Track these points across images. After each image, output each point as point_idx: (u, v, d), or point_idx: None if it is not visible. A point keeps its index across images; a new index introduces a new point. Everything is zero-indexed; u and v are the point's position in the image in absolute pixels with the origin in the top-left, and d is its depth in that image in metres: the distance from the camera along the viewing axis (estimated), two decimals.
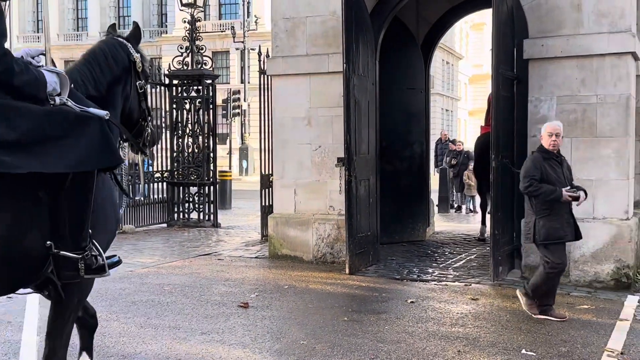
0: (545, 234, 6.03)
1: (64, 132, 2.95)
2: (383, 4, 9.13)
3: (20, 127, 2.80)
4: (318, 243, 9.01)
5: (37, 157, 2.84)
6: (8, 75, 2.82)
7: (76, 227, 3.10)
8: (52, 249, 3.05)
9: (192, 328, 5.75)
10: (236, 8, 47.08)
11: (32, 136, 2.85)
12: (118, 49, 3.72)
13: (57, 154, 2.91)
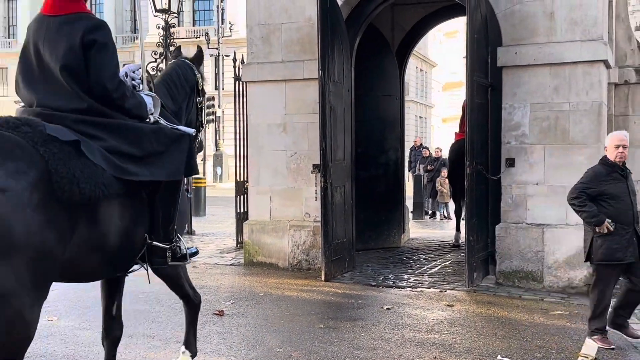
0: (602, 255, 5.42)
1: (165, 147, 3.68)
2: (358, 11, 9.16)
3: (136, 142, 3.52)
4: (294, 250, 8.98)
5: (147, 167, 3.56)
6: (122, 100, 3.52)
7: (166, 222, 3.84)
8: (148, 240, 3.75)
9: (166, 337, 5.68)
10: (210, 14, 46.97)
11: (145, 150, 3.57)
12: (188, 70, 4.40)
13: (160, 164, 3.63)
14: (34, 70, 3.49)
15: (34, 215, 2.88)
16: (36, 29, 3.50)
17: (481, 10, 7.78)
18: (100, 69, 3.43)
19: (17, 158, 2.95)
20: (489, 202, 8.09)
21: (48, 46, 3.43)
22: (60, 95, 3.42)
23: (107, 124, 3.46)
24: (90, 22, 3.47)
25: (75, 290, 7.58)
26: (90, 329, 5.91)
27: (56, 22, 3.45)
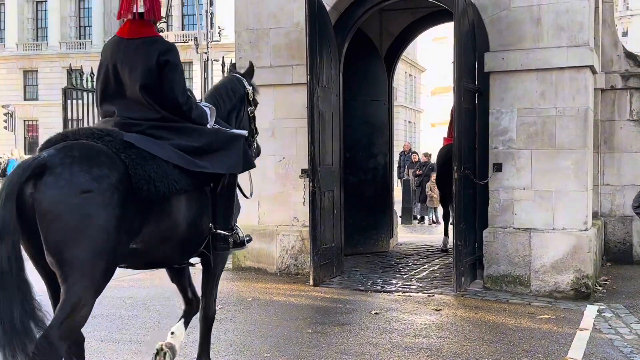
0: None
1: (224, 145, 4.23)
2: (346, 17, 9.18)
3: (201, 141, 4.09)
4: (282, 254, 8.97)
5: (210, 161, 4.08)
6: (190, 111, 4.11)
7: (226, 213, 4.34)
8: (212, 229, 4.21)
9: (153, 342, 5.64)
10: (199, 19, 46.95)
11: (208, 147, 4.12)
12: (236, 84, 4.92)
13: (221, 159, 4.16)
14: (113, 86, 4.03)
15: (111, 212, 3.42)
16: (113, 50, 4.05)
17: (468, 16, 7.82)
18: (172, 85, 4.01)
19: (101, 164, 3.51)
20: (477, 207, 8.13)
21: (127, 65, 3.97)
22: (137, 108, 3.98)
23: (176, 127, 4.05)
24: (164, 45, 4.05)
25: None
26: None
27: (133, 44, 4.00)
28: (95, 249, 3.36)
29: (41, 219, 3.33)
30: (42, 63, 51.46)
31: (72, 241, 3.33)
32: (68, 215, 3.33)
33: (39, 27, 52.97)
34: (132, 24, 4.06)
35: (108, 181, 3.46)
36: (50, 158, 3.42)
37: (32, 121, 51.61)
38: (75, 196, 3.34)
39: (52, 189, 3.34)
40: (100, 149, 3.59)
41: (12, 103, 44.04)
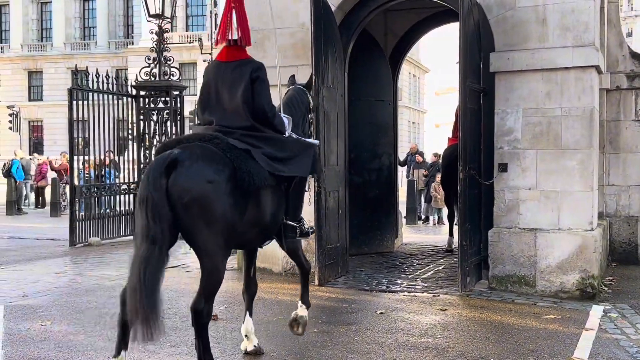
0: None
1: (300, 152, 5.13)
2: (352, 17, 9.19)
3: (283, 150, 4.97)
4: (287, 255, 8.95)
5: (288, 166, 4.95)
6: (273, 120, 4.93)
7: (296, 207, 5.27)
8: (284, 220, 5.10)
9: (160, 341, 5.64)
10: (203, 20, 47.01)
11: (286, 154, 4.96)
12: (302, 95, 5.73)
13: (296, 165, 5.05)
14: (213, 100, 4.92)
15: (227, 199, 4.35)
16: (215, 72, 4.96)
17: (474, 16, 7.83)
18: (261, 96, 4.87)
19: (217, 161, 4.42)
20: (482, 207, 8.13)
21: (226, 83, 4.87)
22: (232, 117, 4.84)
23: (263, 136, 4.88)
24: (255, 65, 4.97)
25: (69, 295, 7.59)
26: (84, 333, 5.91)
27: (231, 66, 4.93)
28: (219, 226, 4.30)
29: (176, 201, 4.21)
30: (47, 64, 51.61)
31: (202, 222, 4.26)
32: (198, 198, 4.24)
33: (44, 28, 53.13)
34: (229, 50, 5.01)
35: (224, 174, 4.38)
36: (180, 154, 4.31)
37: (36, 122, 51.76)
38: (203, 184, 4.26)
39: (185, 177, 4.25)
40: (213, 150, 4.49)
41: (17, 104, 44.18)
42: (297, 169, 5.08)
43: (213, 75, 4.96)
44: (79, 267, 9.62)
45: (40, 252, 11.25)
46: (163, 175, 4.21)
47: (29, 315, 6.55)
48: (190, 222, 4.25)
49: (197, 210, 4.23)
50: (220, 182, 4.32)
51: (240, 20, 5.08)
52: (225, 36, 5.01)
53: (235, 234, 4.45)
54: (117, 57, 49.49)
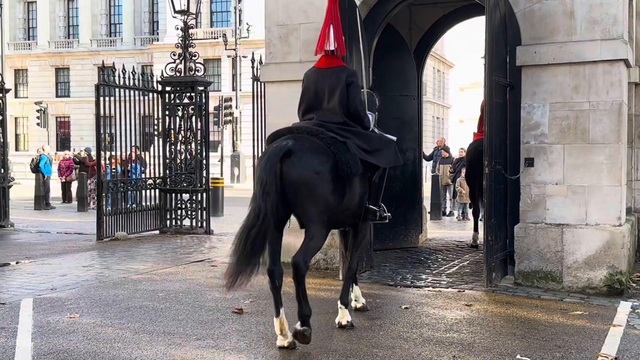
0: None
1: (383, 146, 6.03)
2: (376, 11, 9.16)
3: (370, 143, 5.85)
4: None
5: (374, 157, 5.84)
6: (363, 117, 5.93)
7: (377, 194, 6.28)
8: (367, 204, 5.97)
9: (186, 334, 5.73)
10: (228, 16, 47.17)
11: (373, 147, 5.86)
12: (372, 97, 6.74)
13: (381, 156, 5.94)
14: (313, 100, 5.88)
15: (329, 186, 5.32)
16: (315, 77, 5.95)
17: (500, 9, 7.76)
18: (354, 98, 5.85)
19: (322, 153, 5.37)
20: (508, 202, 8.07)
21: (324, 86, 5.84)
22: (329, 115, 5.78)
23: (354, 131, 5.78)
24: (349, 71, 5.99)
25: (97, 288, 7.69)
26: (112, 325, 5.98)
27: (328, 72, 5.90)
28: (322, 206, 5.28)
29: (288, 186, 5.21)
30: (74, 60, 52.19)
31: (308, 202, 5.26)
32: (307, 185, 5.22)
33: (71, 25, 53.70)
34: (327, 58, 6.01)
35: (328, 165, 5.32)
36: (293, 146, 5.24)
37: (63, 118, 52.40)
38: (311, 173, 5.24)
39: (297, 166, 5.21)
40: (318, 143, 5.43)
41: (45, 100, 44.78)
42: (382, 160, 5.97)
43: (313, 79, 5.95)
44: (106, 261, 9.73)
45: (68, 246, 11.40)
46: (278, 163, 5.15)
47: (58, 308, 6.64)
48: (299, 201, 5.26)
49: (306, 193, 5.23)
50: (324, 172, 5.30)
51: (337, 34, 6.07)
52: (323, 47, 6.05)
53: (332, 213, 5.41)
54: (142, 54, 49.87)
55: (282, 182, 5.16)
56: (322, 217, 5.31)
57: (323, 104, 5.81)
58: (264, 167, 5.14)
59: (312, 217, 5.29)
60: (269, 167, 5.13)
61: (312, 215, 5.29)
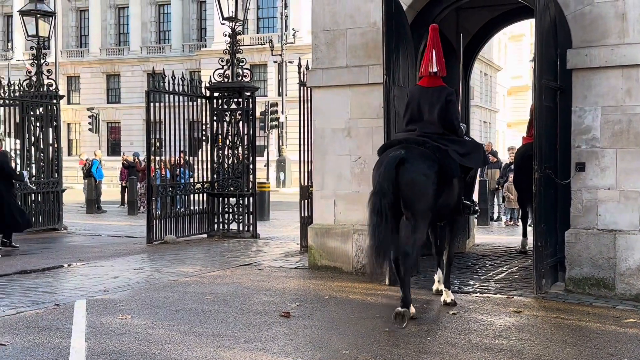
0: None
1: (474, 150, 7.03)
2: (423, 15, 9.13)
3: (464, 148, 6.80)
4: (358, 254, 9.01)
5: (468, 160, 6.81)
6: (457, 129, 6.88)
7: (470, 190, 7.33)
8: (463, 200, 6.99)
9: (235, 336, 5.80)
10: (274, 22, 47.55)
11: (466, 151, 6.82)
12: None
13: (473, 159, 6.95)
14: (415, 114, 6.85)
15: (434, 187, 6.31)
16: (418, 94, 6.88)
17: (550, 12, 7.65)
18: (452, 113, 6.84)
19: (429, 159, 6.37)
20: (558, 208, 7.93)
21: (426, 102, 6.80)
22: (429, 127, 6.75)
23: (452, 139, 6.75)
24: (449, 90, 6.89)
25: (147, 290, 7.84)
26: (163, 327, 6.09)
27: (430, 90, 6.86)
28: (427, 205, 6.30)
29: (402, 187, 6.20)
30: (124, 67, 53.32)
31: (417, 201, 6.27)
32: (417, 187, 6.24)
33: (121, 33, 54.90)
34: (429, 78, 6.91)
35: (434, 169, 6.30)
36: (406, 154, 6.27)
37: (114, 123, 53.54)
38: (421, 176, 6.25)
39: (409, 171, 6.22)
40: (425, 151, 6.41)
41: (96, 106, 45.87)
42: (475, 162, 7.05)
43: (416, 96, 6.89)
44: (156, 264, 9.92)
45: (119, 249, 11.65)
46: (393, 169, 6.16)
47: (110, 309, 6.80)
48: (411, 199, 6.26)
49: (417, 192, 6.25)
50: (431, 175, 6.28)
51: (438, 58, 6.92)
52: (427, 69, 6.92)
53: (435, 209, 6.42)
54: (190, 60, 50.65)
55: (396, 185, 6.16)
56: (428, 213, 6.34)
57: (424, 117, 6.79)
58: (383, 173, 6.18)
59: (420, 213, 6.29)
60: (387, 172, 6.16)
61: (420, 211, 6.29)
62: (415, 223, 6.30)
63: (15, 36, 54.71)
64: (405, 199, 6.25)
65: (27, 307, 6.91)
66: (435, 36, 7.07)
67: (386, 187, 6.11)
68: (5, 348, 5.41)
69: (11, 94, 14.10)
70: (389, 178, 6.13)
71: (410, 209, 6.31)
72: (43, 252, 11.39)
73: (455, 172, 6.53)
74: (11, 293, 7.73)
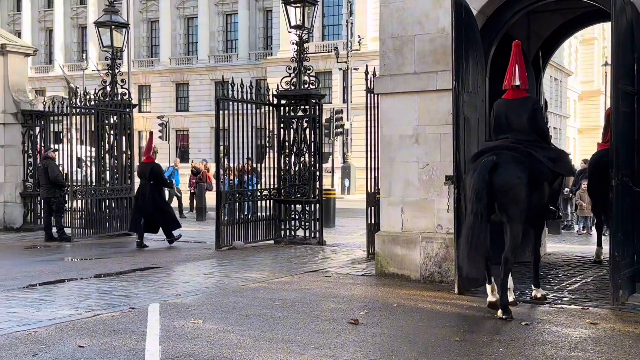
0: None
1: (563, 157, 7.51)
2: (494, 20, 9.00)
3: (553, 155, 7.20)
4: (426, 262, 8.92)
5: (558, 166, 7.16)
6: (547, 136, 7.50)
7: (555, 196, 7.69)
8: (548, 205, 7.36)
9: (304, 342, 5.83)
10: (338, 29, 47.75)
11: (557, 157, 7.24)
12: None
13: (561, 166, 7.31)
14: (504, 124, 7.35)
15: (526, 189, 6.70)
16: (505, 107, 7.41)
17: (627, 15, 7.41)
18: (540, 121, 7.43)
19: (521, 163, 6.77)
20: (635, 216, 7.65)
21: (513, 113, 7.32)
22: (520, 134, 7.19)
23: (541, 145, 7.18)
24: (533, 100, 7.69)
25: (217, 295, 7.98)
26: (233, 332, 6.18)
27: (515, 102, 7.35)
28: (521, 207, 6.68)
29: (496, 191, 6.62)
30: (193, 76, 54.53)
31: (512, 203, 6.67)
32: (510, 190, 6.65)
33: (190, 42, 56.17)
34: (513, 91, 7.36)
35: (526, 173, 6.66)
36: (498, 159, 6.70)
37: (182, 131, 54.76)
38: (514, 179, 6.67)
39: (503, 175, 6.65)
40: (516, 156, 6.80)
41: (166, 114, 47.02)
42: (564, 169, 7.44)
43: (504, 108, 7.41)
44: (225, 269, 10.07)
45: (189, 254, 11.89)
46: (487, 173, 6.57)
47: (183, 313, 6.95)
48: (505, 202, 6.67)
49: (511, 195, 6.64)
50: (523, 178, 6.66)
51: (521, 72, 7.34)
52: (511, 82, 7.36)
53: (528, 212, 6.77)
54: (256, 68, 51.36)
55: (490, 189, 6.57)
56: (522, 216, 6.71)
57: (513, 126, 7.24)
58: (477, 178, 6.60)
59: (514, 216, 6.68)
60: (481, 177, 6.58)
61: (514, 214, 6.68)
62: (510, 226, 6.70)
63: (89, 47, 56.74)
64: (499, 202, 6.65)
65: (104, 310, 7.13)
66: (518, 52, 7.45)
67: (481, 190, 6.53)
68: (83, 350, 5.59)
69: (87, 103, 14.61)
70: (483, 182, 6.54)
71: (505, 212, 6.70)
72: (117, 256, 11.73)
73: (546, 176, 6.91)
74: (89, 296, 8.00)
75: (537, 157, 6.88)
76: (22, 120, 15.93)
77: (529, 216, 6.98)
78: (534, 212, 7.05)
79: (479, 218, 6.54)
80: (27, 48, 17.21)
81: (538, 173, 6.80)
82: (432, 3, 8.93)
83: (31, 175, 15.87)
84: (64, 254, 12.23)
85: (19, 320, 6.62)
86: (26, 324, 6.46)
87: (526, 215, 6.84)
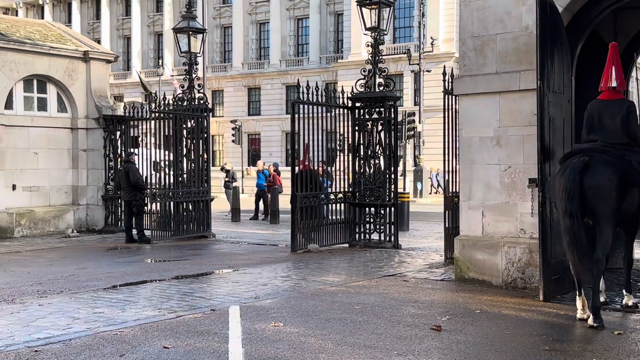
0: None
1: None
2: (580, 18, 8.66)
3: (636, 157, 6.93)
4: (508, 267, 8.66)
5: None
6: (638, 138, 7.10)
7: None
8: None
9: (387, 348, 5.72)
10: (410, 31, 47.39)
11: None
12: None
13: None
14: (597, 125, 7.13)
15: (617, 192, 6.60)
16: (599, 107, 7.18)
17: None
18: (634, 124, 7.10)
19: (612, 165, 6.66)
20: None
21: (608, 114, 7.10)
22: (612, 137, 7.00)
23: (634, 150, 6.94)
24: (628, 102, 7.28)
25: (296, 298, 7.96)
26: (314, 336, 6.13)
27: (610, 103, 7.15)
28: (611, 209, 6.59)
29: (586, 192, 6.58)
30: (264, 80, 55.19)
31: (602, 204, 6.59)
32: (601, 191, 6.57)
33: (262, 47, 56.87)
34: (610, 92, 7.20)
35: (617, 175, 6.59)
36: (590, 161, 6.66)
37: (254, 135, 55.47)
38: (605, 181, 6.57)
39: (594, 176, 6.60)
40: (609, 158, 6.72)
41: (239, 118, 47.74)
42: None
43: (597, 109, 7.20)
44: (302, 272, 10.06)
45: (265, 257, 11.95)
46: (578, 174, 6.56)
47: (263, 316, 6.96)
48: (596, 203, 6.59)
49: (602, 196, 6.57)
50: (614, 180, 6.57)
51: (618, 73, 7.22)
52: (607, 84, 7.23)
53: (619, 214, 6.69)
54: (327, 72, 51.53)
55: (582, 189, 6.55)
56: (612, 218, 6.62)
57: (606, 127, 7.09)
58: (568, 179, 6.60)
59: (605, 217, 6.60)
60: (572, 178, 6.58)
61: (605, 215, 6.59)
62: (601, 228, 6.62)
63: (165, 53, 58.23)
64: (590, 203, 6.60)
65: (186, 311, 7.22)
66: (615, 53, 7.36)
67: (572, 191, 6.53)
68: (169, 351, 5.66)
69: (165, 108, 14.93)
70: (574, 182, 6.53)
71: (595, 213, 6.63)
72: (195, 258, 11.92)
73: (637, 180, 6.69)
74: (170, 297, 8.12)
75: (630, 162, 6.74)
76: (103, 125, 16.46)
77: (621, 221, 6.85)
78: (626, 217, 6.88)
79: (575, 219, 6.54)
80: (108, 55, 17.73)
81: (630, 177, 6.66)
82: (514, 1, 8.68)
83: (112, 178, 16.36)
84: (144, 255, 12.52)
85: (105, 321, 6.77)
86: (112, 324, 6.60)
87: (617, 220, 6.72)
